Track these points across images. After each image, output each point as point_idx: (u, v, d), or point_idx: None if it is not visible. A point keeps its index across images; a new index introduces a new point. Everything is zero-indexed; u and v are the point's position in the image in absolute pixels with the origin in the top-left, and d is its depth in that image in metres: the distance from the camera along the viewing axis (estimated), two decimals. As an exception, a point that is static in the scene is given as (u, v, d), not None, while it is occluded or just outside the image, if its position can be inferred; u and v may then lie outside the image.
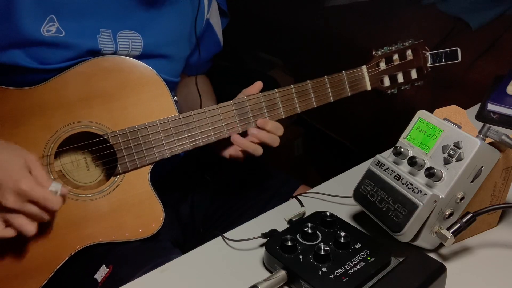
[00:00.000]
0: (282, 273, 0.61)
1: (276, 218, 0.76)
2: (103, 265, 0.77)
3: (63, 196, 0.69)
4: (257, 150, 0.83)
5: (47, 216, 0.68)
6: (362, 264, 0.60)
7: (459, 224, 0.61)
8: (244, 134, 0.84)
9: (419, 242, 0.63)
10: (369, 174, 0.68)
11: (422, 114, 0.67)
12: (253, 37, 1.94)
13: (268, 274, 0.62)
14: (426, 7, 1.38)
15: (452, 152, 0.61)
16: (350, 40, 1.58)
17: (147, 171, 0.80)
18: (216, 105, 0.82)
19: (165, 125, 0.79)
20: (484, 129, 0.61)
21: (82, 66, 0.77)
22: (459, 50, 0.91)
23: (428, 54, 0.94)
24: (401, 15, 1.45)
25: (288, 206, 0.80)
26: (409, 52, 0.93)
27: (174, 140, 0.80)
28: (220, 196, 1.01)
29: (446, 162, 0.61)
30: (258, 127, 0.84)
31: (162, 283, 0.66)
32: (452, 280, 0.60)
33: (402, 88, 0.96)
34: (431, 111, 0.68)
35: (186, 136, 0.81)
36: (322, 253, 0.60)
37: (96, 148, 0.78)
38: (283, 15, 1.81)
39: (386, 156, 0.69)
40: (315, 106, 0.87)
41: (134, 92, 0.79)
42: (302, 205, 0.79)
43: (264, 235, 0.68)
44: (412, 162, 0.63)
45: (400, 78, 0.94)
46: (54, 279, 0.75)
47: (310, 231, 0.64)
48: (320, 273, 0.59)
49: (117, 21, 0.80)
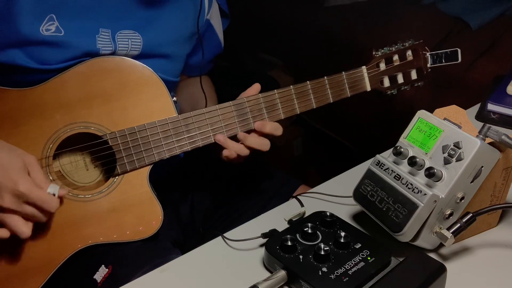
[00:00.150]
0: (282, 273, 0.61)
1: (276, 218, 0.76)
2: (103, 265, 0.77)
3: (61, 198, 0.69)
4: (242, 150, 0.82)
5: (44, 218, 0.69)
6: (362, 264, 0.60)
7: (459, 224, 0.61)
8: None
9: (419, 242, 0.63)
10: (369, 174, 0.68)
11: (422, 114, 0.67)
12: (253, 37, 1.94)
13: (268, 274, 0.62)
14: (426, 7, 1.37)
15: (452, 152, 0.61)
16: (350, 40, 1.58)
17: (146, 172, 0.80)
18: (216, 106, 0.82)
19: (164, 126, 0.79)
20: (484, 129, 0.61)
21: (81, 67, 0.77)
22: (459, 51, 0.91)
23: (428, 55, 0.94)
24: (401, 15, 1.45)
25: (288, 206, 0.80)
26: (409, 53, 0.93)
27: (173, 141, 0.80)
28: (220, 196, 1.01)
29: (446, 162, 0.61)
30: (256, 130, 0.83)
31: (162, 283, 0.66)
32: (452, 280, 0.60)
33: (402, 89, 0.95)
34: (431, 111, 0.68)
35: (185, 137, 0.81)
36: (322, 253, 0.60)
37: (95, 149, 0.78)
38: (283, 16, 1.81)
39: (386, 156, 0.68)
40: (315, 107, 0.87)
41: (133, 93, 0.79)
42: (302, 205, 0.79)
43: (264, 235, 0.68)
44: (412, 162, 0.63)
45: (400, 79, 0.94)
46: (54, 279, 0.75)
47: (310, 231, 0.64)
48: (320, 273, 0.59)
49: (117, 21, 0.80)
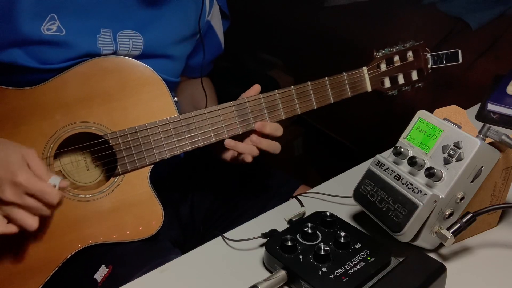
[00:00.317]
0: (282, 273, 0.61)
1: (276, 218, 0.76)
2: (103, 265, 0.77)
3: (62, 190, 0.68)
4: (253, 151, 0.82)
5: (47, 210, 0.67)
6: (362, 264, 0.60)
7: (459, 224, 0.61)
8: (245, 136, 0.84)
9: (419, 242, 0.63)
10: (369, 174, 0.68)
11: (422, 114, 0.67)
12: (253, 38, 1.94)
13: (268, 274, 0.62)
14: (426, 7, 1.37)
15: (452, 152, 0.61)
16: (350, 41, 1.58)
17: (147, 172, 0.80)
18: (217, 106, 0.81)
19: (165, 126, 0.79)
20: (484, 129, 0.61)
21: (82, 66, 0.77)
22: (460, 52, 0.91)
23: (429, 56, 0.94)
24: (401, 15, 1.45)
25: (288, 206, 0.80)
26: (410, 54, 0.93)
27: (174, 141, 0.80)
28: (220, 196, 1.01)
29: (446, 162, 0.61)
30: (257, 131, 0.83)
31: (162, 283, 0.66)
32: (452, 280, 0.60)
33: (403, 90, 0.95)
34: (431, 111, 0.68)
35: (186, 137, 0.81)
36: (322, 253, 0.60)
37: (96, 149, 0.78)
38: (283, 15, 1.81)
39: (386, 156, 0.68)
40: (316, 108, 0.87)
41: (134, 93, 0.79)
42: (302, 205, 0.79)
43: (264, 235, 0.68)
44: (412, 162, 0.63)
45: (401, 80, 0.94)
46: (54, 279, 0.75)
47: (310, 231, 0.64)
48: (320, 273, 0.59)
49: (118, 21, 0.80)
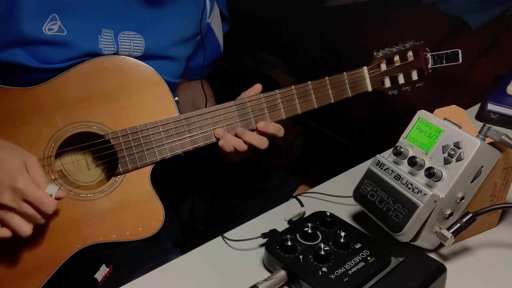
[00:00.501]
0: (282, 273, 0.61)
1: (276, 218, 0.76)
2: (103, 265, 0.77)
3: (58, 199, 0.69)
4: (239, 144, 0.81)
5: (41, 219, 0.68)
6: (362, 264, 0.60)
7: (459, 224, 0.61)
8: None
9: (419, 242, 0.63)
10: (369, 174, 0.69)
11: (422, 114, 0.67)
12: (253, 38, 1.94)
13: (268, 274, 0.62)
14: (426, 7, 1.38)
15: (452, 152, 0.61)
16: (350, 40, 1.58)
17: (148, 171, 0.80)
18: (217, 106, 0.82)
19: (166, 126, 0.80)
20: (484, 129, 0.61)
21: (83, 66, 0.77)
22: (460, 52, 0.91)
23: (429, 56, 0.94)
24: (401, 15, 1.45)
25: (288, 206, 0.80)
26: (410, 54, 0.93)
27: (175, 141, 0.80)
28: (220, 196, 1.01)
29: (446, 162, 0.61)
30: (260, 131, 0.83)
31: (162, 283, 0.66)
32: (452, 280, 0.60)
33: (403, 89, 0.96)
34: (431, 111, 0.68)
35: (187, 137, 0.81)
36: (322, 253, 0.60)
37: (97, 148, 0.78)
38: (283, 16, 1.82)
39: (386, 156, 0.69)
40: (316, 107, 0.87)
41: (135, 92, 0.79)
42: (302, 205, 0.79)
43: (264, 235, 0.68)
44: (412, 162, 0.63)
45: (401, 79, 0.94)
46: (55, 279, 0.75)
47: (310, 231, 0.65)
48: (320, 273, 0.59)
49: (120, 22, 0.80)
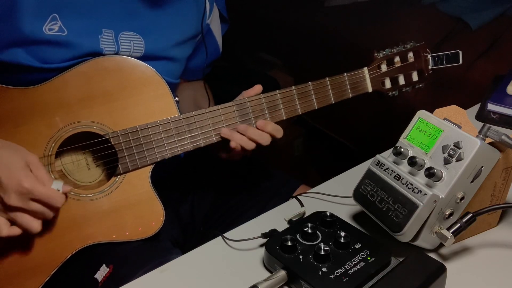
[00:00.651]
0: (282, 273, 0.61)
1: (276, 218, 0.76)
2: (104, 265, 0.77)
3: (65, 194, 0.70)
4: (246, 142, 0.81)
5: (51, 214, 0.70)
6: (362, 264, 0.60)
7: (459, 224, 0.61)
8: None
9: (419, 242, 0.63)
10: (369, 174, 0.69)
11: (422, 114, 0.67)
12: (253, 38, 1.94)
13: (268, 274, 0.62)
14: (426, 7, 1.38)
15: (452, 152, 0.61)
16: (351, 41, 1.58)
17: (148, 171, 0.80)
18: (218, 106, 0.82)
19: (166, 126, 0.80)
20: (484, 129, 0.61)
21: (83, 66, 0.77)
22: (461, 53, 0.91)
23: (430, 57, 0.94)
24: (401, 15, 1.45)
25: (288, 206, 0.80)
26: (411, 54, 0.93)
27: (175, 141, 0.80)
28: (220, 196, 1.02)
29: (446, 162, 0.61)
30: (258, 129, 0.83)
31: (162, 283, 0.66)
32: (452, 280, 0.60)
33: (403, 90, 0.96)
34: (431, 111, 0.68)
35: (187, 137, 0.81)
36: (322, 253, 0.60)
37: (97, 148, 0.79)
38: (283, 16, 1.81)
39: (386, 156, 0.69)
40: (316, 108, 0.87)
41: (135, 92, 0.79)
42: (302, 205, 0.79)
43: (264, 235, 0.68)
44: (412, 162, 0.63)
45: (401, 80, 0.94)
46: (55, 279, 0.75)
47: (310, 231, 0.65)
48: (320, 273, 0.59)
49: (120, 22, 0.80)
